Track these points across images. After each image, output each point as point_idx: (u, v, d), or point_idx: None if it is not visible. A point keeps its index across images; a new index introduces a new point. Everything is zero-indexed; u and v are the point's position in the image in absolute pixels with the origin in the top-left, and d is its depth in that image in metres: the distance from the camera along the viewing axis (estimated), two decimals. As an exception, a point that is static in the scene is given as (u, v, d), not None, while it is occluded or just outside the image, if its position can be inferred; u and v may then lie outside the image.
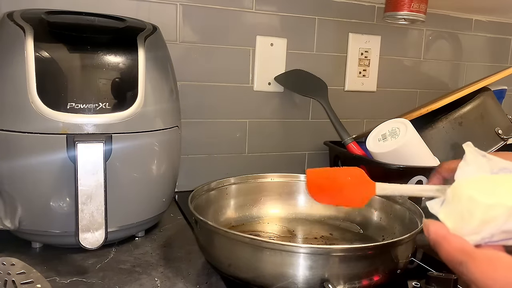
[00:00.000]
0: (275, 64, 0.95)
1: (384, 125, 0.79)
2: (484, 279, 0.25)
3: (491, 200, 0.29)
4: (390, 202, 0.67)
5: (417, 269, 0.61)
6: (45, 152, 0.54)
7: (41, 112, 0.53)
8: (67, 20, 0.62)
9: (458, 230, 0.31)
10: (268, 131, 0.98)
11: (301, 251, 0.47)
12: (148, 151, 0.61)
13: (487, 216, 0.29)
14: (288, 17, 0.95)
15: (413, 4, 0.86)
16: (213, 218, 0.66)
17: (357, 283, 0.48)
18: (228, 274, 0.52)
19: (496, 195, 0.29)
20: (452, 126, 0.83)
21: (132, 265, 0.58)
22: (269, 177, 0.74)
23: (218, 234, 0.52)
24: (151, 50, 0.62)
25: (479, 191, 0.30)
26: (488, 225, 0.30)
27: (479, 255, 0.27)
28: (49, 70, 0.55)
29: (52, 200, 0.56)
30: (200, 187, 0.65)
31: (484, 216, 0.29)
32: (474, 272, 0.26)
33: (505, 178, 0.31)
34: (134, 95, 0.58)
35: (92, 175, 0.52)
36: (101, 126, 0.56)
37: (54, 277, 0.53)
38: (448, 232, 0.31)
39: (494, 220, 0.29)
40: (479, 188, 0.30)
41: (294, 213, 0.73)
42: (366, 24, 1.03)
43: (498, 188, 0.30)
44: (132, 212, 0.62)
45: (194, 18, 0.87)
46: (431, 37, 1.11)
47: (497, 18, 1.18)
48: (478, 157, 0.33)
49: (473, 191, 0.30)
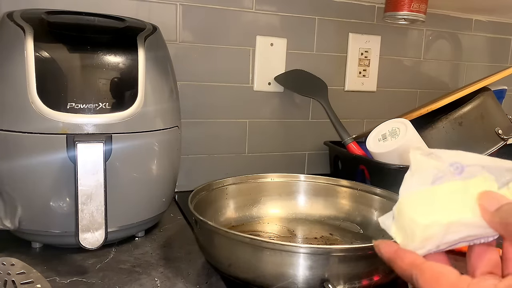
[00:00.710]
0: (275, 64, 0.95)
1: (384, 125, 0.79)
2: None
3: (427, 220, 0.31)
4: (390, 202, 0.67)
5: (417, 269, 0.61)
6: (45, 152, 0.54)
7: (41, 112, 0.53)
8: (67, 20, 0.62)
9: (406, 245, 0.33)
10: (268, 131, 0.98)
11: (301, 251, 0.47)
12: (148, 151, 0.61)
13: (426, 234, 0.32)
14: (288, 17, 0.95)
15: (413, 4, 0.86)
16: (213, 218, 0.66)
17: (357, 283, 0.48)
18: (228, 274, 0.52)
19: (432, 214, 0.32)
20: (452, 126, 0.83)
21: (132, 265, 0.58)
22: (269, 177, 0.74)
23: (218, 234, 0.52)
24: (151, 50, 0.62)
25: (417, 211, 0.32)
26: (429, 241, 0.32)
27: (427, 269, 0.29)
28: (49, 70, 0.55)
29: (52, 200, 0.56)
30: (200, 187, 0.65)
31: (424, 234, 0.32)
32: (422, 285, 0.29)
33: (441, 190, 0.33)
34: (134, 95, 0.58)
35: (92, 175, 0.52)
36: (101, 126, 0.56)
37: (54, 277, 0.53)
38: (398, 248, 0.33)
39: (433, 237, 0.32)
40: (417, 206, 0.33)
41: (294, 213, 0.73)
42: (366, 24, 1.03)
43: (435, 203, 0.32)
44: (132, 212, 0.62)
45: (194, 18, 0.87)
46: (431, 37, 1.12)
47: (497, 18, 1.18)
48: (423, 162, 0.34)
49: (411, 212, 0.33)
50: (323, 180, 0.74)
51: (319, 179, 0.74)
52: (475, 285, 0.28)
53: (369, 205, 0.70)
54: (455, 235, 0.32)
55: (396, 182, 0.76)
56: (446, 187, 0.33)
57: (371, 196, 0.70)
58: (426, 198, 0.33)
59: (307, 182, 0.75)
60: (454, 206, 0.32)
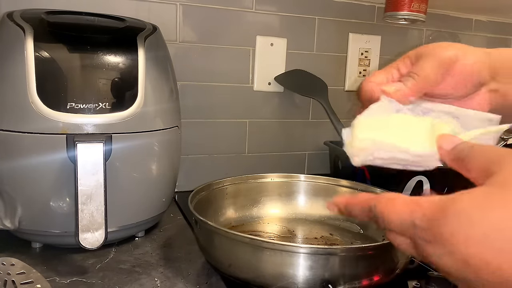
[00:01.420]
0: (275, 64, 0.95)
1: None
2: (387, 213, 0.31)
3: (363, 135, 0.38)
4: (390, 202, 0.67)
5: (417, 269, 0.61)
6: (45, 152, 0.54)
7: (41, 112, 0.53)
8: (67, 20, 0.62)
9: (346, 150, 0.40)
10: (268, 131, 0.98)
11: (301, 251, 0.47)
12: (148, 151, 0.61)
13: (361, 145, 0.38)
14: (288, 17, 0.95)
15: (413, 4, 0.86)
16: (213, 218, 0.66)
17: (357, 283, 0.48)
18: (228, 274, 0.52)
19: (371, 131, 0.38)
20: (452, 126, 0.83)
21: (132, 265, 0.58)
22: (269, 177, 0.74)
23: (218, 234, 0.52)
24: (151, 50, 0.62)
25: (362, 128, 0.38)
26: (363, 151, 0.38)
27: (382, 197, 0.32)
28: (49, 70, 0.55)
29: (52, 200, 0.56)
30: (200, 187, 0.65)
31: (359, 145, 0.38)
32: (380, 209, 0.31)
33: (397, 119, 0.39)
34: (134, 95, 0.58)
35: (92, 175, 0.52)
36: (101, 126, 0.56)
37: (54, 277, 0.53)
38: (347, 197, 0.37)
39: (366, 150, 0.38)
40: (364, 124, 0.38)
41: (294, 213, 0.73)
42: (366, 24, 1.03)
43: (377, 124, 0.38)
44: (132, 212, 0.62)
45: (194, 18, 0.87)
46: (431, 37, 1.11)
47: (497, 18, 1.18)
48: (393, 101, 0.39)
49: (359, 128, 0.38)
50: (323, 180, 0.74)
51: (319, 179, 0.74)
52: None
53: (369, 205, 0.70)
54: (387, 154, 0.38)
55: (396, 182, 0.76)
56: (402, 118, 0.39)
57: (371, 196, 0.70)
58: (377, 121, 0.38)
59: (307, 182, 0.75)
60: (401, 133, 0.38)
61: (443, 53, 0.39)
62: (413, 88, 0.39)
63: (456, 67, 0.39)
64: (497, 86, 0.41)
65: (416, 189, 0.73)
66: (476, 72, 0.40)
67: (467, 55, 0.39)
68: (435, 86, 0.40)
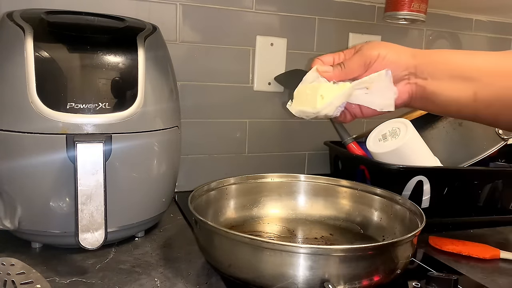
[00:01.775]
0: (275, 64, 0.95)
1: (384, 125, 0.79)
2: None
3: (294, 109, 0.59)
4: (390, 202, 0.67)
5: (417, 269, 0.61)
6: (45, 152, 0.54)
7: (41, 112, 0.53)
8: (67, 20, 0.62)
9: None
10: (268, 131, 0.98)
11: (301, 251, 0.47)
12: (148, 151, 0.61)
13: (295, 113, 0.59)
14: (288, 17, 0.95)
15: (413, 4, 0.86)
16: (213, 218, 0.66)
17: (357, 283, 0.48)
18: (228, 274, 0.52)
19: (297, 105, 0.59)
20: (452, 126, 0.83)
21: (132, 265, 0.58)
22: (269, 177, 0.74)
23: (218, 234, 0.52)
24: (151, 50, 0.62)
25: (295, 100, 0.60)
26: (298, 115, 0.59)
27: None
28: (49, 70, 0.55)
29: (52, 200, 0.56)
30: (200, 187, 0.65)
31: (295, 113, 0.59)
32: None
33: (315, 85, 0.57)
34: (134, 95, 0.58)
35: (92, 175, 0.51)
36: (101, 126, 0.56)
37: (54, 277, 0.53)
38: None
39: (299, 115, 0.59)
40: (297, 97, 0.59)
41: (294, 213, 0.73)
42: (366, 24, 1.03)
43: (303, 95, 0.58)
44: (132, 212, 0.62)
45: (194, 18, 0.87)
46: (431, 37, 1.11)
47: (497, 18, 1.18)
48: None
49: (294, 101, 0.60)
50: (323, 180, 0.74)
51: (319, 179, 0.74)
52: None
53: (369, 205, 0.70)
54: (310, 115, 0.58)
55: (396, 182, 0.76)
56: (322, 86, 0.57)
57: (371, 196, 0.70)
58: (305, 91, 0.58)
59: (307, 182, 0.75)
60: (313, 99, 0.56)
61: (369, 51, 0.53)
62: (337, 74, 0.55)
63: (376, 63, 0.53)
64: (416, 80, 0.53)
65: (416, 189, 0.73)
66: (393, 68, 0.53)
67: (389, 55, 0.52)
68: (357, 76, 0.55)
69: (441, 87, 0.51)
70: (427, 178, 0.73)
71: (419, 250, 0.67)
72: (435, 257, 0.65)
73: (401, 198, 0.65)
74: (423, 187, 0.73)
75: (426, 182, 0.73)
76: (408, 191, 0.73)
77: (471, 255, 0.65)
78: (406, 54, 0.53)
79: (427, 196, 0.74)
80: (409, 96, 0.55)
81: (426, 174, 0.73)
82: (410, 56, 0.53)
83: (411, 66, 0.52)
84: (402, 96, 0.55)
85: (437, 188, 0.75)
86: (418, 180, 0.73)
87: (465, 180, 0.77)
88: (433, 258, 0.64)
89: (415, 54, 0.53)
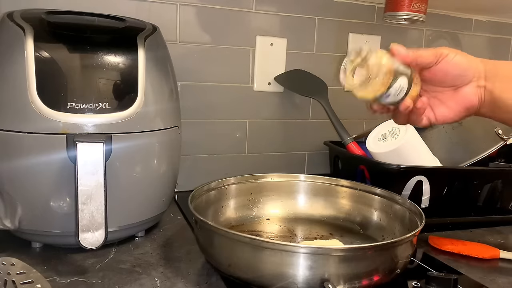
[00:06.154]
0: (275, 64, 0.95)
1: (384, 125, 0.79)
2: None
3: None
4: (390, 202, 0.67)
5: (417, 269, 0.61)
6: (45, 152, 0.54)
7: (41, 112, 0.54)
8: (67, 20, 0.62)
9: None
10: (268, 131, 0.98)
11: (301, 251, 0.47)
12: (148, 151, 0.61)
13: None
14: (288, 17, 0.95)
15: (413, 4, 0.86)
16: (213, 218, 0.66)
17: (357, 283, 0.48)
18: (228, 274, 0.52)
19: None
20: (452, 126, 0.83)
21: (132, 265, 0.58)
22: (269, 177, 0.74)
23: (218, 234, 0.52)
24: (151, 50, 0.62)
25: None
26: None
27: None
28: (49, 70, 0.55)
29: (52, 200, 0.56)
30: (200, 187, 0.65)
31: None
32: None
33: None
34: (134, 95, 0.58)
35: (92, 175, 0.52)
36: (101, 126, 0.56)
37: (54, 277, 0.53)
38: None
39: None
40: None
41: (294, 213, 0.73)
42: (366, 24, 1.03)
43: None
44: (132, 212, 0.62)
45: (194, 18, 0.87)
46: (431, 37, 1.11)
47: (497, 18, 1.18)
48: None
49: None
50: (323, 180, 0.74)
51: (319, 179, 0.74)
52: None
53: (369, 205, 0.70)
54: None
55: (396, 182, 0.76)
56: None
57: (371, 196, 0.70)
58: None
59: (307, 182, 0.75)
60: None
61: (440, 49, 0.55)
62: (411, 55, 0.54)
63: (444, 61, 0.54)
64: (485, 83, 0.54)
65: (416, 189, 0.73)
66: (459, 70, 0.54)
67: (457, 57, 0.54)
68: (427, 64, 0.54)
69: (508, 91, 0.53)
70: (426, 178, 0.73)
71: (418, 250, 0.67)
72: (435, 257, 0.65)
73: (401, 198, 0.65)
74: (422, 187, 0.74)
75: (426, 182, 0.73)
76: (408, 191, 0.73)
77: (471, 255, 0.65)
78: (475, 59, 0.55)
79: (427, 196, 0.74)
80: (478, 100, 0.55)
81: (426, 174, 0.73)
82: (479, 61, 0.55)
83: (481, 70, 0.54)
84: (472, 99, 0.55)
85: (436, 188, 0.75)
86: (417, 180, 0.73)
87: (464, 180, 0.77)
88: (432, 258, 0.64)
89: (483, 60, 0.55)
